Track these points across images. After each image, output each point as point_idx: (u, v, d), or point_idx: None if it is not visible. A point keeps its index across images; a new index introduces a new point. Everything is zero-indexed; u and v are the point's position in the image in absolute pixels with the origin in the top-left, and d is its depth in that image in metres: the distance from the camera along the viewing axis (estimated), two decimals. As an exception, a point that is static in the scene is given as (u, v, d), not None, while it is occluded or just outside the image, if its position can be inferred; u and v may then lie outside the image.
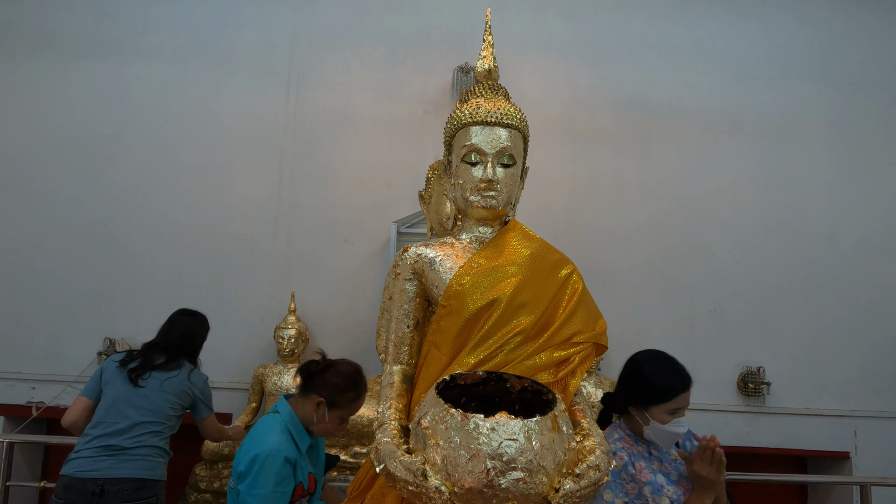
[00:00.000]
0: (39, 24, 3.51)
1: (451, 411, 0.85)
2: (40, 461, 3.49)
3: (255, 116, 3.53)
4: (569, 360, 1.16)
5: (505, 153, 1.28)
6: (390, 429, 1.08)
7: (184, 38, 3.55)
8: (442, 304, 1.22)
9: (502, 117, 1.27)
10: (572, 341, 1.18)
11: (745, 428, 3.39)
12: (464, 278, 1.22)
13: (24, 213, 3.40)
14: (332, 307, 3.41)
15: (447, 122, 1.39)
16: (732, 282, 3.49)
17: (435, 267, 1.27)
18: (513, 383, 1.02)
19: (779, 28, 3.66)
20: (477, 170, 1.28)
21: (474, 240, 1.33)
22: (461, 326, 1.18)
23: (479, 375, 1.01)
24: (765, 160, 3.56)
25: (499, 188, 1.28)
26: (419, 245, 1.32)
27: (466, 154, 1.29)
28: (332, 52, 3.59)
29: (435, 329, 1.22)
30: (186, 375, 2.15)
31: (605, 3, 3.70)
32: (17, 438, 2.41)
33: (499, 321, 1.16)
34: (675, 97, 3.63)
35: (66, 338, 3.33)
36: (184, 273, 3.41)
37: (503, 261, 1.24)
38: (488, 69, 1.46)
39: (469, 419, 0.83)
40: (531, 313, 1.17)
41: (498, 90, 1.41)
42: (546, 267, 1.25)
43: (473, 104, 1.32)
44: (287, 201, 3.48)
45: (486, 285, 1.20)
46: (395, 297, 1.31)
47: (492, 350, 1.14)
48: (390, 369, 1.29)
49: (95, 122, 3.48)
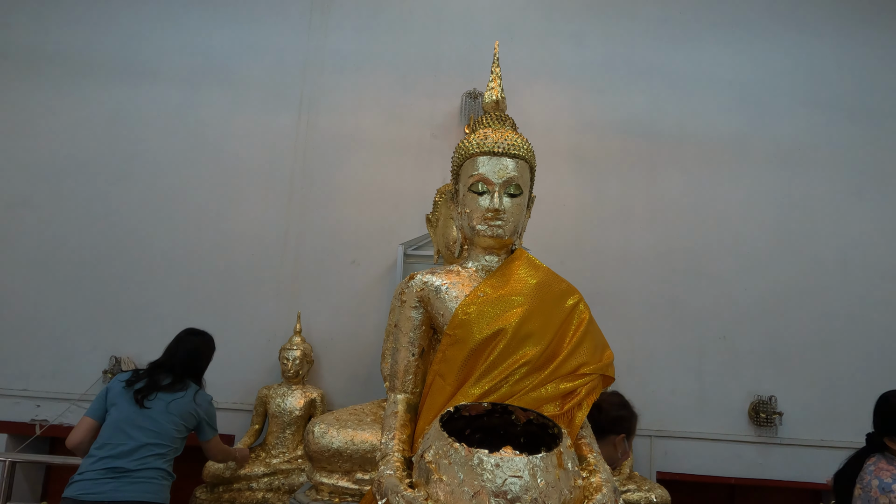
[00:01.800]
0: (60, 49, 3.63)
1: (455, 445, 0.84)
2: (41, 480, 3.47)
3: (266, 139, 3.59)
4: (575, 392, 1.14)
5: (512, 183, 1.29)
6: (393, 461, 1.06)
7: (198, 63, 3.64)
8: (447, 333, 1.22)
9: (509, 148, 1.29)
10: (579, 373, 1.16)
11: (757, 459, 3.30)
12: (469, 307, 1.21)
13: (37, 231, 3.46)
14: (338, 329, 3.41)
15: (455, 151, 1.40)
16: (742, 308, 3.45)
17: (441, 295, 1.27)
18: (518, 415, 1.00)
19: (786, 55, 3.70)
20: (484, 199, 1.29)
21: (480, 268, 1.33)
22: (466, 356, 1.17)
23: (483, 407, 1.00)
24: (774, 186, 3.55)
25: (505, 217, 1.28)
26: (425, 273, 1.32)
27: (474, 184, 1.30)
28: (343, 77, 3.67)
29: (440, 358, 1.22)
30: (192, 396, 2.14)
31: (612, 30, 3.76)
32: (18, 458, 2.40)
33: (504, 351, 1.15)
34: (682, 123, 3.65)
35: (72, 355, 3.34)
36: (191, 292, 3.43)
37: (509, 290, 1.24)
38: (496, 100, 1.48)
39: (473, 454, 0.82)
40: (537, 344, 1.16)
41: (505, 121, 1.43)
42: (552, 296, 1.24)
43: (481, 134, 1.34)
44: (295, 223, 3.52)
45: (491, 315, 1.19)
46: (400, 324, 1.31)
47: (497, 381, 1.13)
48: (394, 398, 1.28)
49: (110, 143, 3.56)
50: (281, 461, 2.89)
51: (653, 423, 3.32)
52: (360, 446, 2.09)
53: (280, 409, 3.01)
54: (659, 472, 3.28)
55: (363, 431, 2.14)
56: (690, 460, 3.31)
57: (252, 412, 3.18)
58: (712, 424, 3.34)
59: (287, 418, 3.00)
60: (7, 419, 3.28)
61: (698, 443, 3.32)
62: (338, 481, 2.09)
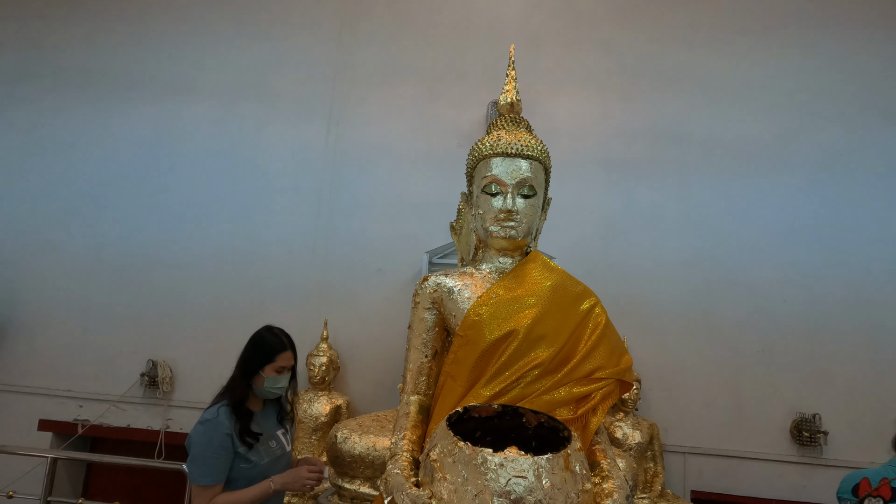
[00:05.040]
0: (107, 68, 3.85)
1: (460, 444, 0.83)
2: (82, 478, 3.62)
3: (296, 151, 3.69)
4: (590, 397, 1.11)
5: (525, 184, 1.28)
6: (401, 460, 1.06)
7: (233, 79, 3.79)
8: (459, 335, 1.21)
9: (523, 149, 1.28)
10: (594, 377, 1.13)
11: (800, 480, 3.12)
12: (481, 308, 1.20)
13: (83, 239, 3.65)
14: (364, 336, 3.44)
15: (469, 154, 1.41)
16: (781, 320, 3.29)
17: (453, 296, 1.26)
18: (528, 418, 0.98)
19: (823, 57, 3.56)
20: (497, 200, 1.28)
21: (494, 270, 1.32)
22: (477, 357, 1.16)
23: (493, 409, 0.98)
24: (813, 193, 3.40)
25: (518, 219, 1.27)
26: (439, 274, 1.32)
27: (487, 185, 1.29)
28: (371, 89, 3.74)
29: (451, 359, 1.21)
30: None
31: (639, 36, 3.71)
32: (60, 455, 2.51)
33: (515, 353, 1.13)
34: (715, 129, 3.55)
35: (113, 358, 3.49)
36: (223, 299, 3.53)
37: (522, 291, 1.22)
38: (511, 102, 1.48)
39: (477, 453, 0.80)
40: (549, 346, 1.14)
41: (520, 122, 1.43)
42: (567, 299, 1.22)
43: (494, 136, 1.33)
44: (324, 232, 3.59)
45: (503, 316, 1.18)
46: (413, 326, 1.31)
47: (508, 383, 1.11)
48: (407, 399, 1.27)
49: (151, 157, 3.73)
50: (306, 466, 2.92)
51: (686, 439, 3.20)
52: (382, 453, 2.09)
53: (306, 415, 3.05)
54: (693, 491, 3.14)
55: (385, 438, 2.14)
56: (727, 480, 3.16)
57: (279, 417, 3.23)
58: (751, 442, 3.19)
59: (313, 424, 3.04)
60: (52, 418, 3.45)
61: (736, 461, 3.17)
62: (360, 487, 2.09)
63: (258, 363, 1.74)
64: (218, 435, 1.61)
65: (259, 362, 1.74)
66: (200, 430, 1.63)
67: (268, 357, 1.75)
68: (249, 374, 1.74)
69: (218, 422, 1.63)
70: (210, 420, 1.64)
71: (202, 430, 1.62)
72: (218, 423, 1.63)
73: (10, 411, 3.46)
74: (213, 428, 1.62)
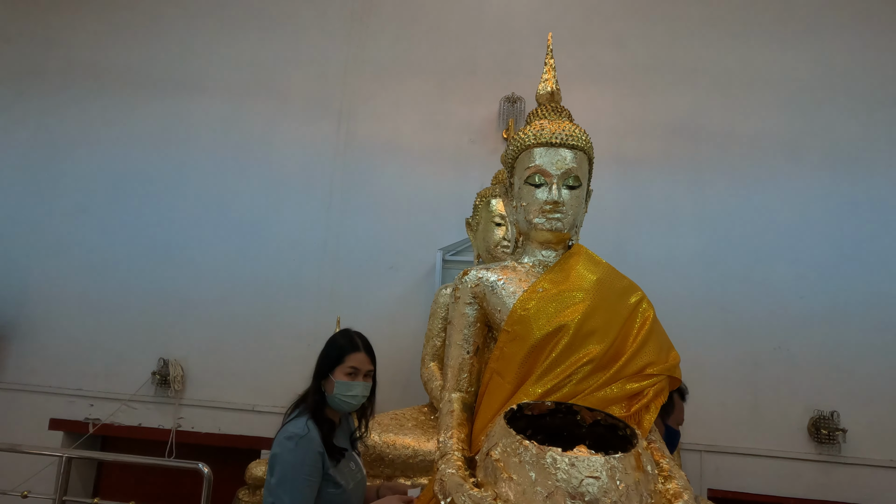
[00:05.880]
0: (116, 65, 3.83)
1: (525, 443, 0.80)
2: (92, 477, 3.60)
3: (307, 148, 3.66)
4: (642, 394, 1.08)
5: (570, 175, 1.25)
6: (454, 459, 1.02)
7: (244, 75, 3.77)
8: (505, 330, 1.17)
9: (567, 138, 1.25)
10: (645, 373, 1.10)
11: (818, 479, 3.09)
12: (529, 303, 1.17)
13: (94, 237, 3.63)
14: (376, 334, 3.33)
15: (509, 144, 1.37)
16: (799, 317, 3.25)
17: (497, 291, 1.23)
18: (584, 416, 0.95)
19: (841, 50, 3.51)
20: (541, 192, 1.25)
21: (537, 263, 1.29)
22: (526, 353, 1.12)
23: (546, 406, 0.95)
24: (831, 188, 3.36)
25: (564, 210, 1.24)
26: (480, 268, 1.29)
27: (530, 176, 1.26)
28: (382, 85, 3.71)
29: (497, 356, 1.17)
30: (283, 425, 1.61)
31: (653, 31, 3.68)
32: (74, 454, 2.49)
33: (567, 349, 1.10)
34: (730, 124, 3.51)
35: (124, 357, 3.47)
36: (234, 297, 3.51)
37: (569, 286, 1.19)
38: (551, 91, 1.44)
39: (545, 452, 0.77)
40: (600, 342, 1.11)
41: (561, 112, 1.39)
42: (615, 293, 1.19)
43: (537, 125, 1.30)
44: (335, 229, 3.56)
45: (551, 311, 1.15)
46: (454, 321, 1.27)
47: (560, 380, 1.08)
48: (449, 396, 1.24)
49: (162, 154, 3.71)
50: (320, 465, 2.89)
51: (702, 437, 3.16)
52: (402, 451, 2.06)
53: (320, 414, 3.02)
54: (710, 490, 3.11)
55: (404, 436, 2.11)
56: (744, 478, 3.13)
57: (292, 416, 3.21)
58: (768, 440, 3.15)
59: (326, 422, 3.01)
60: (63, 417, 3.43)
61: (753, 459, 3.13)
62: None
63: (327, 366, 1.60)
64: (311, 454, 1.42)
65: (328, 364, 1.60)
66: (290, 447, 1.42)
67: (337, 358, 1.59)
68: (319, 378, 1.61)
69: (310, 438, 1.44)
70: (302, 437, 1.44)
71: (293, 448, 1.41)
72: (310, 439, 1.44)
73: (21, 410, 3.44)
74: (306, 445, 1.42)
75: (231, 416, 3.38)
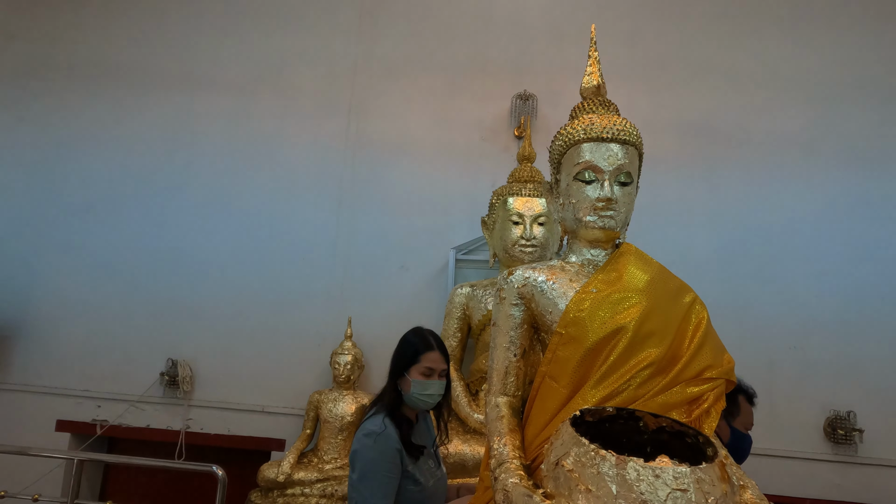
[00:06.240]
0: (121, 61, 3.77)
1: (602, 453, 0.76)
2: (99, 479, 3.56)
3: (316, 145, 3.62)
4: (702, 398, 1.04)
5: (622, 171, 1.21)
6: (513, 468, 0.98)
7: (251, 72, 3.72)
8: (558, 332, 1.13)
9: (618, 133, 1.21)
10: (704, 377, 1.06)
11: (834, 479, 3.06)
12: (583, 304, 1.13)
13: (100, 237, 3.58)
14: (387, 333, 3.33)
15: (555, 139, 1.33)
16: (815, 316, 3.23)
17: (546, 291, 1.19)
18: (647, 422, 0.91)
19: (856, 46, 3.48)
20: (593, 189, 1.21)
21: (587, 263, 1.25)
22: (582, 357, 1.08)
23: (608, 412, 0.91)
24: (847, 185, 3.33)
25: (617, 207, 1.21)
26: (526, 268, 1.25)
27: (580, 172, 1.22)
28: (392, 82, 3.67)
29: (550, 359, 1.13)
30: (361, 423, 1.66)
31: (665, 28, 3.64)
32: (86, 456, 2.45)
33: (625, 352, 1.06)
34: (744, 122, 3.48)
35: (132, 358, 3.43)
36: (243, 296, 3.47)
37: (622, 286, 1.15)
38: (597, 85, 1.40)
39: (626, 463, 0.73)
40: (659, 344, 1.07)
41: (609, 105, 1.35)
42: (669, 293, 1.15)
43: (586, 120, 1.26)
44: (345, 228, 3.52)
45: (607, 312, 1.11)
46: (499, 323, 1.23)
47: (619, 384, 1.04)
48: (495, 401, 1.20)
49: (167, 152, 3.66)
50: (334, 467, 2.86)
51: (718, 438, 3.14)
52: (422, 454, 2.02)
53: (332, 415, 2.99)
54: (725, 491, 3.08)
55: (424, 438, 2.07)
56: (759, 479, 3.05)
57: (303, 417, 3.17)
58: (783, 441, 3.13)
59: (339, 424, 2.97)
60: (70, 419, 3.38)
61: (768, 460, 3.11)
62: (398, 489, 2.03)
63: (403, 365, 1.62)
64: (389, 450, 1.46)
65: (404, 364, 1.62)
66: (369, 444, 1.46)
67: (412, 358, 1.61)
68: (395, 377, 1.62)
69: (387, 435, 1.48)
70: (379, 433, 1.48)
71: (371, 445, 1.46)
72: (387, 436, 1.48)
73: (27, 412, 3.40)
74: (384, 442, 1.46)
75: (240, 418, 3.35)
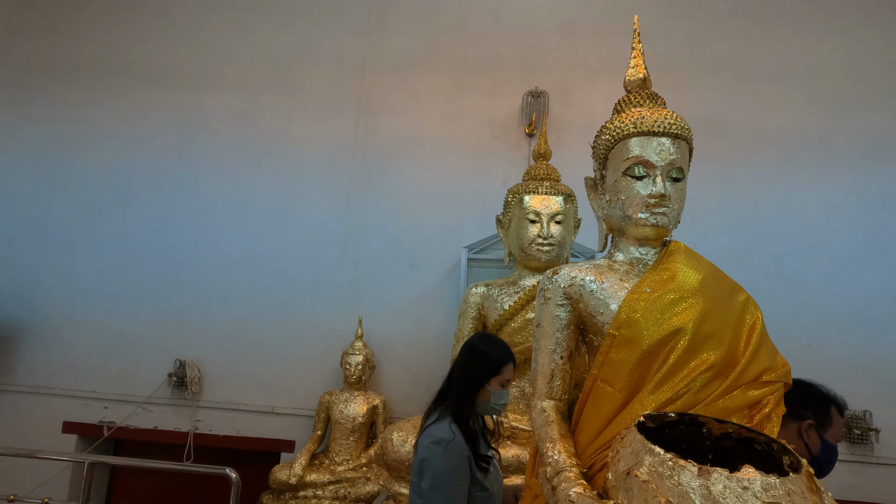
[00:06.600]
0: (128, 59, 3.73)
1: (682, 462, 0.72)
2: (106, 482, 3.52)
3: (324, 143, 3.58)
4: (762, 402, 1.01)
5: (674, 166, 1.17)
6: (573, 477, 0.95)
7: (260, 70, 3.68)
8: (611, 334, 1.09)
9: (670, 127, 1.18)
10: (763, 380, 1.03)
11: (850, 479, 3.03)
12: (637, 304, 1.09)
13: (106, 237, 3.54)
14: (398, 334, 3.34)
15: (601, 133, 1.29)
16: (828, 315, 3.20)
17: (595, 292, 1.15)
18: (710, 428, 0.88)
19: (867, 44, 3.45)
20: (643, 185, 1.18)
21: (635, 262, 1.22)
22: (638, 359, 1.04)
23: (670, 417, 0.88)
24: (861, 184, 3.31)
25: (670, 205, 1.17)
26: (571, 267, 1.21)
27: (630, 167, 1.18)
28: (401, 79, 3.63)
29: (602, 361, 1.09)
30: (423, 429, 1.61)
31: (678, 25, 3.61)
32: (98, 459, 2.41)
33: (685, 355, 1.02)
34: (756, 119, 3.45)
35: (139, 358, 3.39)
36: (252, 297, 3.43)
37: (676, 286, 1.11)
38: (643, 78, 1.36)
39: (710, 474, 0.70)
40: (718, 346, 1.03)
41: (656, 99, 1.32)
42: (723, 293, 1.12)
43: (635, 113, 1.22)
44: (354, 227, 3.49)
45: (662, 313, 1.07)
46: (543, 324, 1.19)
47: (678, 388, 1.00)
48: (541, 405, 1.16)
49: (174, 150, 3.62)
50: (346, 469, 2.83)
51: (732, 438, 3.11)
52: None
53: (343, 416, 2.95)
54: (740, 491, 3.06)
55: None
56: (774, 479, 3.07)
57: (314, 417, 3.14)
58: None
59: (350, 425, 2.94)
60: (77, 420, 3.34)
61: (783, 460, 3.08)
62: (417, 492, 2.00)
63: (485, 375, 1.56)
64: (458, 458, 1.44)
65: (485, 374, 1.57)
66: (438, 451, 1.43)
67: (495, 369, 1.56)
68: (475, 388, 1.56)
69: (457, 443, 1.45)
70: (450, 441, 1.45)
71: (441, 453, 1.43)
72: (457, 443, 1.45)
73: (33, 413, 3.36)
74: (455, 450, 1.44)
75: (249, 418, 3.31)
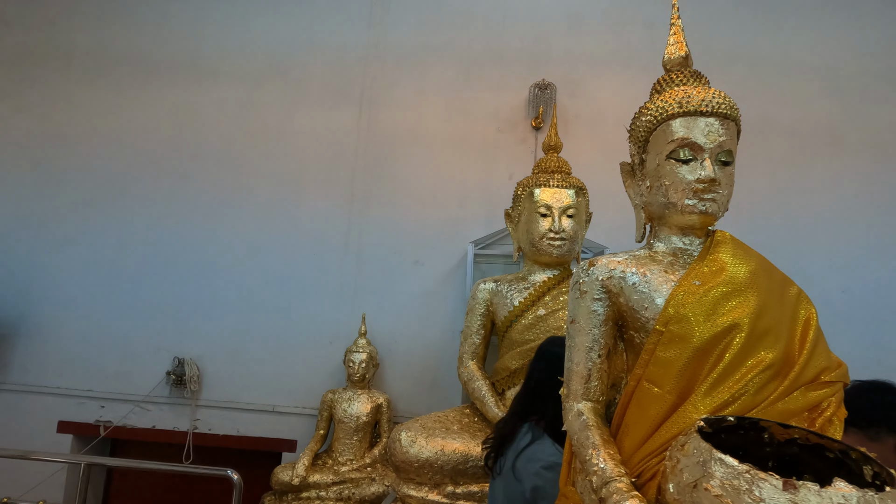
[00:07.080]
0: (124, 50, 3.64)
1: (762, 475, 0.66)
2: (102, 482, 3.44)
3: (326, 136, 3.50)
4: (823, 405, 0.94)
5: (723, 148, 1.10)
6: (625, 488, 0.89)
7: (259, 61, 3.59)
8: (657, 330, 1.01)
9: (718, 106, 1.11)
10: (821, 381, 0.96)
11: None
12: (686, 298, 1.01)
13: (103, 231, 3.45)
14: (402, 330, 3.27)
15: (640, 114, 1.22)
16: (839, 312, 3.15)
17: (638, 285, 1.07)
18: (774, 433, 0.81)
19: (880, 37, 3.40)
20: (689, 168, 1.10)
21: (679, 252, 1.14)
22: (688, 358, 0.96)
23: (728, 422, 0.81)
24: (873, 178, 3.25)
25: (720, 190, 1.10)
26: (608, 258, 1.14)
27: (675, 150, 1.11)
28: (405, 71, 3.56)
29: (647, 360, 1.01)
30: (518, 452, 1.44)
31: (687, 16, 3.51)
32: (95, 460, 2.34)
33: (741, 353, 0.95)
34: (766, 112, 3.39)
35: (136, 356, 3.31)
36: (253, 293, 3.36)
37: (727, 278, 1.04)
38: (684, 56, 1.30)
39: (798, 489, 0.64)
40: (775, 344, 0.96)
41: (700, 77, 1.25)
42: (776, 286, 1.05)
43: (679, 92, 1.15)
44: (357, 221, 3.41)
45: (715, 308, 1.00)
46: (579, 320, 1.11)
47: (735, 390, 0.92)
48: (577, 408, 1.08)
49: (173, 143, 3.53)
50: (350, 469, 2.76)
51: (742, 436, 3.06)
52: (451, 457, 1.93)
53: (346, 415, 2.89)
54: (750, 490, 3.01)
55: (453, 441, 1.98)
56: (784, 477, 3.03)
57: (316, 416, 3.07)
58: (809, 438, 3.06)
59: (353, 424, 2.87)
60: (72, 420, 3.26)
61: (794, 458, 3.04)
62: (427, 494, 1.94)
63: None
64: None
65: None
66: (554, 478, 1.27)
67: None
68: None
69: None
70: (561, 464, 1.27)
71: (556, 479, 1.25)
72: None
73: (28, 413, 3.28)
74: None
75: (250, 418, 3.24)
